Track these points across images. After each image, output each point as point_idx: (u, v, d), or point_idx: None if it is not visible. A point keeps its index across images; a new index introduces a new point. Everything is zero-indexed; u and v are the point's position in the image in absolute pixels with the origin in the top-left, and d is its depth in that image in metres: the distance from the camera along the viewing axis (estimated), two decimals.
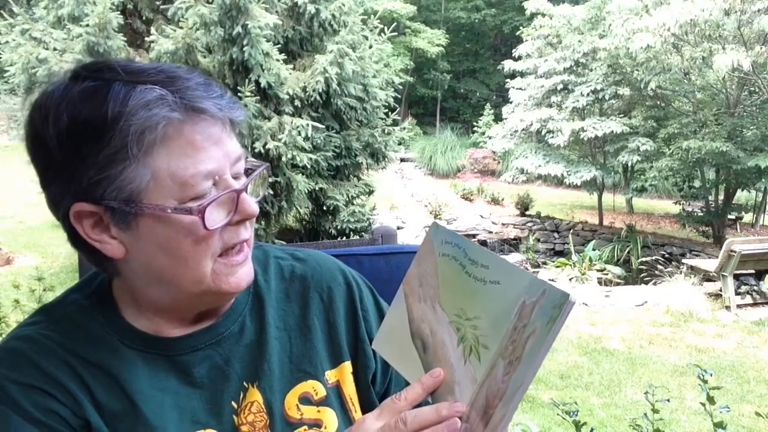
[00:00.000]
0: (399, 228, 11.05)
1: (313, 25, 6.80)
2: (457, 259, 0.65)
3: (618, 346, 5.73)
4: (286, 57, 6.40)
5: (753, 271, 7.43)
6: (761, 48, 8.26)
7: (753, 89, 9.74)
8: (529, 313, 0.57)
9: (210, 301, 0.75)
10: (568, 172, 10.85)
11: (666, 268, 7.92)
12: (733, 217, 10.96)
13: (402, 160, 16.37)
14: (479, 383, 0.60)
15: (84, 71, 0.67)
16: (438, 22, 21.91)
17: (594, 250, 9.51)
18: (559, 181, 12.81)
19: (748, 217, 11.45)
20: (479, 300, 0.62)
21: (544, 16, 11.73)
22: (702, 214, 10.64)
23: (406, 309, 0.70)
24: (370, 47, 6.95)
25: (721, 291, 7.05)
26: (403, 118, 17.88)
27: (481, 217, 12.94)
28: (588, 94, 10.38)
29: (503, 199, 14.15)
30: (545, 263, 9.77)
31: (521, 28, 13.29)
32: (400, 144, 8.15)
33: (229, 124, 0.70)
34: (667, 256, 9.31)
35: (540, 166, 11.14)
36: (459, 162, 16.91)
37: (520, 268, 0.60)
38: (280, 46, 6.37)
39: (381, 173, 8.98)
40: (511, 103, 12.40)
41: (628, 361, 5.35)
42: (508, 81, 12.52)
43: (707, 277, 7.40)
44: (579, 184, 11.11)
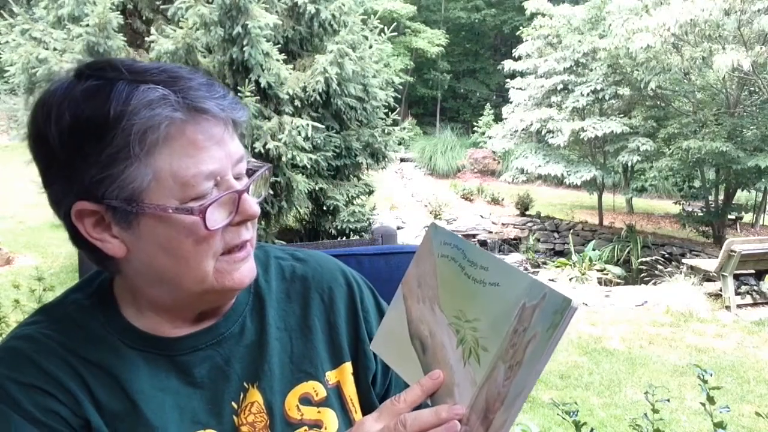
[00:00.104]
0: (399, 228, 11.04)
1: (313, 25, 6.80)
2: (456, 260, 0.65)
3: (618, 346, 5.73)
4: (286, 57, 6.40)
5: (753, 271, 7.43)
6: (761, 48, 8.26)
7: (753, 89, 9.74)
8: (529, 316, 0.57)
9: (212, 299, 0.75)
10: (568, 172, 10.84)
11: (666, 268, 7.92)
12: (733, 217, 10.95)
13: (402, 160, 16.36)
14: (479, 386, 0.60)
15: (87, 70, 0.67)
16: (438, 22, 21.91)
17: (594, 250, 9.50)
18: (559, 181, 12.81)
19: (748, 217, 11.45)
20: (479, 302, 0.62)
21: (544, 16, 11.72)
22: (702, 214, 10.64)
23: (405, 310, 0.69)
24: (370, 47, 6.95)
25: (721, 291, 7.04)
26: (403, 118, 17.87)
27: (481, 217, 12.94)
28: (588, 94, 10.38)
29: (503, 199, 14.14)
30: (545, 263, 9.77)
31: (521, 28, 13.28)
32: (400, 144, 8.15)
33: (232, 125, 0.70)
34: (667, 256, 9.30)
35: (540, 166, 11.14)
36: (459, 162, 16.91)
37: (520, 270, 0.60)
38: (280, 46, 6.37)
39: (381, 173, 8.98)
40: (511, 103, 12.39)
41: (628, 361, 5.35)
42: (508, 81, 12.52)
43: (707, 277, 7.40)
44: (579, 184, 11.11)
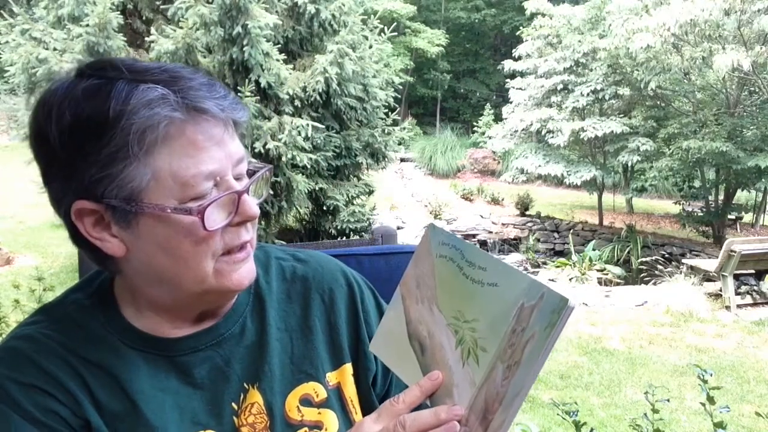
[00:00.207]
0: (399, 228, 11.04)
1: (313, 25, 6.80)
2: (454, 260, 0.65)
3: (618, 346, 5.72)
4: (286, 57, 6.40)
5: (753, 271, 7.43)
6: (761, 48, 8.26)
7: (753, 89, 9.74)
8: (527, 316, 0.57)
9: (212, 300, 0.75)
10: (568, 172, 10.84)
11: (666, 268, 7.91)
12: (733, 217, 10.95)
13: (402, 160, 16.36)
14: (478, 386, 0.60)
15: (88, 69, 0.67)
16: (438, 22, 21.90)
17: (594, 250, 9.50)
18: (559, 181, 12.80)
19: (748, 217, 11.45)
20: (477, 302, 0.62)
21: (544, 16, 11.72)
22: (702, 214, 10.64)
23: (404, 311, 0.69)
24: (370, 47, 6.95)
25: (721, 291, 7.04)
26: (403, 118, 17.87)
27: (481, 217, 12.93)
28: (588, 94, 10.38)
29: (503, 199, 14.14)
30: (545, 263, 9.77)
31: (521, 28, 13.28)
32: (400, 144, 8.15)
33: (232, 125, 0.70)
34: (667, 256, 9.30)
35: (540, 166, 11.13)
36: (459, 162, 16.90)
37: (519, 270, 0.60)
38: (280, 46, 6.37)
39: (381, 173, 8.98)
40: (511, 103, 12.39)
41: (628, 361, 5.35)
42: (508, 81, 12.51)
43: (707, 277, 7.39)
44: (579, 184, 11.11)
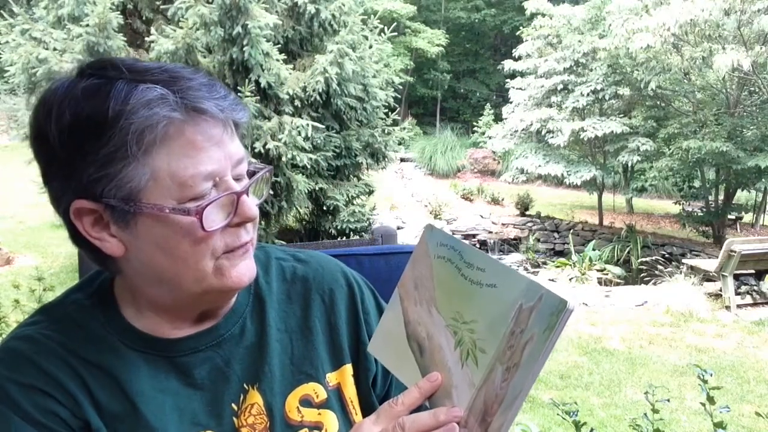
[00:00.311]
0: (399, 228, 11.04)
1: (313, 25, 6.80)
2: (452, 261, 0.64)
3: (618, 346, 5.72)
4: (286, 57, 6.40)
5: (753, 271, 7.43)
6: (761, 48, 8.26)
7: (753, 89, 9.74)
8: (526, 317, 0.57)
9: (211, 299, 0.75)
10: (568, 172, 10.84)
11: (666, 268, 7.91)
12: (733, 217, 10.95)
13: (402, 160, 16.35)
14: (477, 387, 0.60)
15: (89, 69, 0.67)
16: (438, 22, 21.90)
17: (594, 250, 9.50)
18: (559, 181, 12.80)
19: (748, 217, 11.44)
20: (476, 303, 0.61)
21: (544, 16, 11.72)
22: (702, 214, 10.63)
23: (402, 312, 0.69)
24: (370, 47, 6.96)
25: (721, 291, 7.04)
26: (403, 118, 17.86)
27: (481, 217, 12.94)
28: (588, 94, 10.37)
29: (503, 199, 14.14)
30: (545, 263, 9.78)
31: (521, 28, 13.28)
32: (400, 144, 8.16)
33: (232, 126, 0.69)
34: (667, 256, 9.30)
35: (540, 166, 11.13)
36: (459, 162, 16.90)
37: (517, 271, 0.60)
38: (280, 46, 6.38)
39: (381, 173, 8.98)
40: (511, 103, 12.39)
41: (628, 361, 5.35)
42: (508, 81, 12.51)
43: (707, 277, 7.39)
44: (579, 184, 11.10)
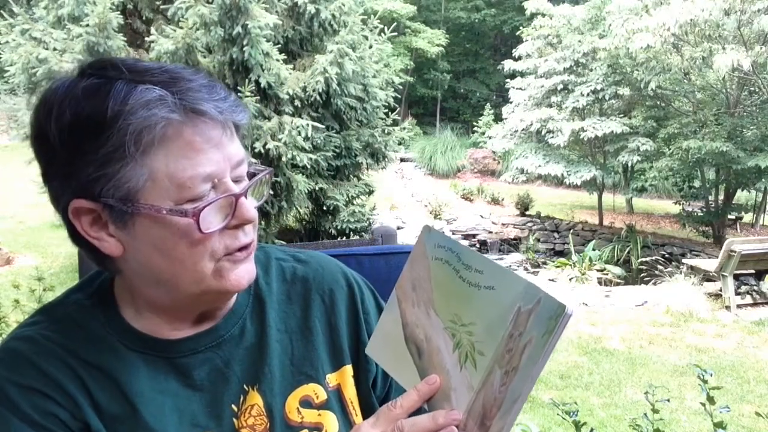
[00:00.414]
0: (399, 228, 11.04)
1: (313, 25, 6.80)
2: (450, 263, 0.64)
3: (618, 346, 5.72)
4: (286, 57, 6.40)
5: (753, 271, 7.43)
6: (761, 48, 8.26)
7: (753, 89, 9.74)
8: (524, 320, 0.57)
9: (210, 300, 0.75)
10: (568, 172, 10.84)
11: (666, 268, 7.91)
12: (733, 217, 10.95)
13: (402, 160, 16.36)
14: (476, 390, 0.60)
15: (89, 69, 0.67)
16: (438, 22, 21.90)
17: (594, 250, 9.50)
18: (559, 181, 12.80)
19: (748, 217, 11.45)
20: (474, 305, 0.61)
21: (544, 16, 11.72)
22: (702, 214, 10.63)
23: (400, 314, 0.68)
24: (370, 47, 6.96)
25: (721, 291, 7.04)
26: (403, 118, 17.86)
27: (481, 217, 12.94)
28: (588, 94, 10.37)
29: (503, 199, 14.14)
30: (545, 263, 9.78)
31: (521, 28, 13.28)
32: (400, 144, 8.16)
33: (232, 127, 0.69)
34: (667, 256, 9.29)
35: (540, 166, 11.13)
36: (459, 162, 16.90)
37: (515, 273, 0.59)
38: (280, 46, 6.38)
39: (381, 173, 8.98)
40: (511, 103, 12.39)
41: (628, 361, 5.35)
42: (508, 81, 12.51)
43: (707, 277, 7.39)
44: (579, 184, 11.11)
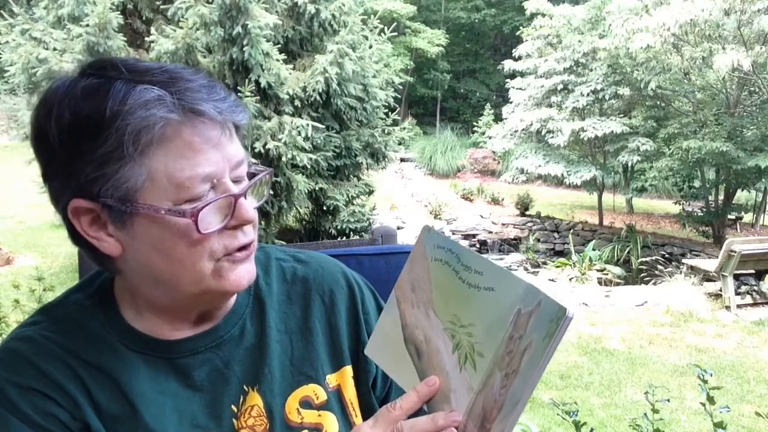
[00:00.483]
0: (399, 228, 11.04)
1: (313, 25, 6.80)
2: (450, 264, 0.64)
3: (618, 346, 5.72)
4: (286, 57, 6.40)
5: (753, 271, 7.43)
6: (761, 48, 8.26)
7: (753, 89, 9.74)
8: (525, 322, 0.56)
9: (210, 300, 0.75)
10: (568, 172, 10.84)
11: (666, 268, 7.91)
12: (733, 217, 10.95)
13: (402, 160, 16.35)
14: (475, 392, 0.59)
15: (89, 68, 0.67)
16: (438, 22, 21.90)
17: (594, 250, 9.50)
18: (559, 181, 12.80)
19: (748, 217, 11.44)
20: (473, 307, 0.61)
21: (544, 16, 11.72)
22: (702, 214, 10.63)
23: (399, 314, 0.68)
24: (370, 47, 6.96)
25: (721, 291, 7.04)
26: (403, 118, 17.86)
27: (481, 217, 12.94)
28: (588, 94, 10.37)
29: (503, 199, 14.14)
30: (545, 263, 9.78)
31: (521, 28, 13.28)
32: (400, 144, 8.16)
33: (231, 128, 0.69)
34: (667, 256, 9.29)
35: (540, 166, 11.13)
36: (459, 162, 16.90)
37: (515, 274, 0.59)
38: (280, 46, 6.38)
39: (381, 173, 8.98)
40: (511, 103, 12.39)
41: (628, 361, 5.35)
42: (508, 81, 12.51)
43: (707, 277, 7.39)
44: (579, 184, 11.11)
